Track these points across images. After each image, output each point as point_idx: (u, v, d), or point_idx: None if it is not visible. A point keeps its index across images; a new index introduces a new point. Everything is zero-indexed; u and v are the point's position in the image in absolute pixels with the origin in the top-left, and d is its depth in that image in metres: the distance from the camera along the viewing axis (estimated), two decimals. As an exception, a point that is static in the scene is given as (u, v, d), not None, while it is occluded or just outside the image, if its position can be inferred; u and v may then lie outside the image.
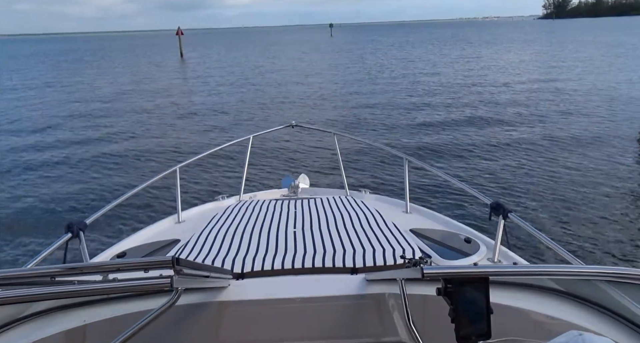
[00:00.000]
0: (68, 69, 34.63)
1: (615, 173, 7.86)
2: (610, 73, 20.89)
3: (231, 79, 23.91)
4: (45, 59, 49.53)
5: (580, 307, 1.42)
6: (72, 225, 2.09)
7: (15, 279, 1.04)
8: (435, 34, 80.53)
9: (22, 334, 1.40)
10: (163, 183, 6.93)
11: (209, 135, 11.51)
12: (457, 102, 15.01)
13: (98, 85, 23.22)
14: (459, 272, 1.14)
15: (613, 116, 12.30)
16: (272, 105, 15.85)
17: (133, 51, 62.37)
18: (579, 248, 5.33)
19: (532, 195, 6.96)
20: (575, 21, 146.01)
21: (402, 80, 21.04)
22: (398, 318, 1.61)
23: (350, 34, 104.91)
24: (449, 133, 11.02)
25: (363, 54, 38.38)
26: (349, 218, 2.52)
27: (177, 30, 40.80)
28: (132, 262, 1.06)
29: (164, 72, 29.69)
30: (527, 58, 30.30)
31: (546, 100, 14.88)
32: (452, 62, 28.76)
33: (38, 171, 8.82)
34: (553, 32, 69.25)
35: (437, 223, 2.76)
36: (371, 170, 8.34)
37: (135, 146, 10.57)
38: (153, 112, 15.09)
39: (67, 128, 12.79)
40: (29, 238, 5.99)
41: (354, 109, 14.52)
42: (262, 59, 37.59)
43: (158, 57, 46.98)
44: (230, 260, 1.98)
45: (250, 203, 2.88)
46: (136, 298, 1.52)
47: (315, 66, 29.82)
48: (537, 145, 9.79)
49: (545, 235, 2.01)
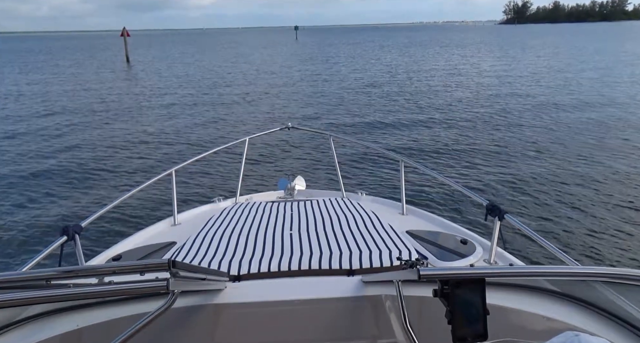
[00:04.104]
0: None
1: (609, 174, 7.91)
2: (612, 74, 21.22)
3: (179, 92, 19.51)
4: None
5: (576, 307, 1.43)
6: (68, 228, 2.08)
7: (10, 283, 1.04)
8: (413, 38, 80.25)
9: (18, 338, 1.39)
10: (159, 186, 6.92)
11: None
12: (451, 104, 15.08)
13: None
14: (455, 274, 1.14)
15: (610, 118, 12.41)
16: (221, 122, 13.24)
17: (73, 54, 53.77)
18: (575, 249, 5.35)
19: (528, 197, 6.99)
20: (537, 26, 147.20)
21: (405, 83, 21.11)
22: (395, 319, 1.61)
23: (317, 37, 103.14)
24: (445, 135, 11.06)
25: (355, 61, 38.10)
26: (345, 220, 2.52)
27: (122, 31, 34.65)
28: (128, 264, 1.06)
29: (93, 83, 23.15)
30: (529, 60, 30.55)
31: (538, 102, 15.00)
32: (440, 64, 28.96)
33: (33, 174, 8.77)
34: (539, 37, 70.09)
35: (433, 224, 2.76)
36: (367, 171, 8.35)
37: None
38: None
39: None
40: (24, 241, 5.96)
41: (352, 110, 14.55)
42: (223, 68, 31.23)
43: (96, 61, 40.24)
44: (226, 262, 1.98)
45: (247, 206, 2.87)
46: (132, 301, 1.51)
47: (299, 78, 24.25)
48: (533, 146, 9.84)
49: (541, 236, 2.02)
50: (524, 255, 4.95)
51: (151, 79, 25.39)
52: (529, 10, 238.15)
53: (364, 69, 27.78)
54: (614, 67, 25.00)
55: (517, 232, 5.02)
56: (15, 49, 73.38)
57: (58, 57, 48.81)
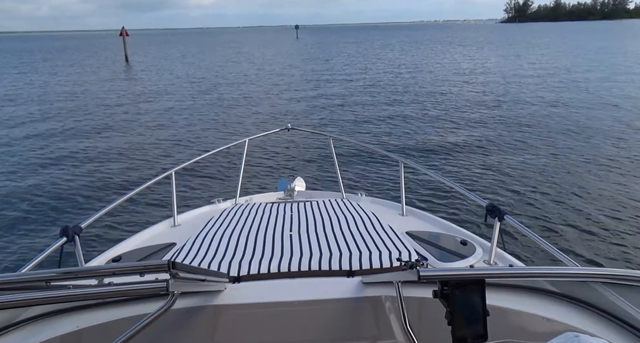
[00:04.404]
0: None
1: (610, 174, 7.91)
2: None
3: (179, 93, 19.35)
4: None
5: (576, 308, 1.43)
6: (67, 229, 2.08)
7: (9, 284, 1.03)
8: (414, 37, 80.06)
9: (18, 339, 1.39)
10: (159, 187, 6.92)
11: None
12: (455, 104, 15.09)
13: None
14: (455, 275, 1.14)
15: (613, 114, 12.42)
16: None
17: (72, 54, 52.95)
18: (574, 250, 5.35)
19: (527, 197, 6.99)
20: (539, 25, 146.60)
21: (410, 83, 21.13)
22: (394, 320, 1.61)
23: (317, 36, 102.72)
24: (445, 135, 11.06)
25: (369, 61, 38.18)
26: (345, 221, 2.52)
27: (120, 31, 33.95)
28: (127, 266, 1.06)
29: (92, 84, 22.98)
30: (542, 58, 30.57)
31: (544, 102, 14.99)
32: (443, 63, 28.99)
33: (32, 174, 8.77)
34: (544, 35, 70.08)
35: (433, 225, 2.76)
36: (367, 172, 8.35)
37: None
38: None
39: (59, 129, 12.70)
40: (23, 242, 5.96)
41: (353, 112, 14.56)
42: (223, 68, 30.85)
43: (97, 61, 40.09)
44: (226, 263, 1.97)
45: (246, 207, 2.87)
46: (132, 302, 1.51)
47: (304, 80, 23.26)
48: (532, 147, 9.84)
49: (541, 237, 2.02)
50: (523, 256, 4.95)
51: (151, 79, 25.27)
52: (530, 8, 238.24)
53: (365, 68, 27.75)
54: (621, 65, 24.85)
55: (517, 233, 5.02)
56: (15, 48, 73.19)
57: (57, 57, 48.59)
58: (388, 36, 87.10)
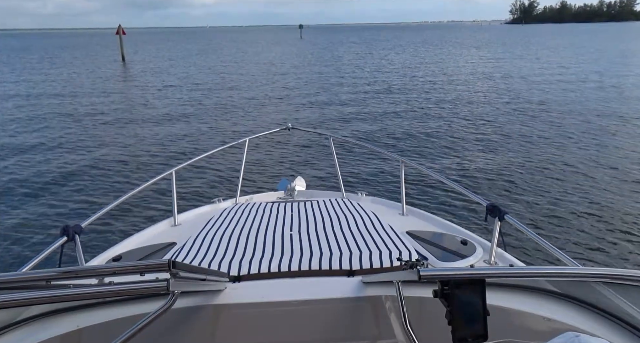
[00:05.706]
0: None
1: (611, 174, 7.91)
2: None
3: (178, 92, 18.99)
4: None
5: (577, 308, 1.42)
6: (68, 229, 2.08)
7: (9, 283, 1.03)
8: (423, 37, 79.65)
9: (18, 339, 1.39)
10: (159, 186, 6.92)
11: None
12: (456, 102, 15.08)
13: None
14: (455, 274, 1.14)
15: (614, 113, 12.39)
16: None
17: (71, 52, 52.42)
18: (575, 249, 5.35)
19: (528, 197, 6.99)
20: (545, 26, 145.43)
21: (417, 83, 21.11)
22: (395, 320, 1.61)
23: (321, 36, 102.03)
24: (446, 135, 11.06)
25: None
26: (346, 221, 2.52)
27: (117, 29, 32.61)
28: (127, 265, 1.06)
29: (91, 84, 22.56)
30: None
31: (545, 99, 14.97)
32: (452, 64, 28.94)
33: (32, 174, 8.77)
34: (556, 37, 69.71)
35: (433, 225, 2.76)
36: (367, 172, 8.35)
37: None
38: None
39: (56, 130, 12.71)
40: (24, 242, 5.96)
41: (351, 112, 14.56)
42: (224, 67, 30.46)
43: (92, 60, 39.55)
44: (226, 263, 1.97)
45: (247, 206, 2.87)
46: (132, 302, 1.51)
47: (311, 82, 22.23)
48: (533, 146, 9.84)
49: (541, 237, 2.02)
50: (524, 255, 4.95)
51: (150, 79, 25.20)
52: (536, 9, 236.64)
53: (371, 69, 27.62)
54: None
55: (517, 233, 5.02)
56: (15, 47, 73.16)
57: (57, 55, 48.41)
58: (398, 37, 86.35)
